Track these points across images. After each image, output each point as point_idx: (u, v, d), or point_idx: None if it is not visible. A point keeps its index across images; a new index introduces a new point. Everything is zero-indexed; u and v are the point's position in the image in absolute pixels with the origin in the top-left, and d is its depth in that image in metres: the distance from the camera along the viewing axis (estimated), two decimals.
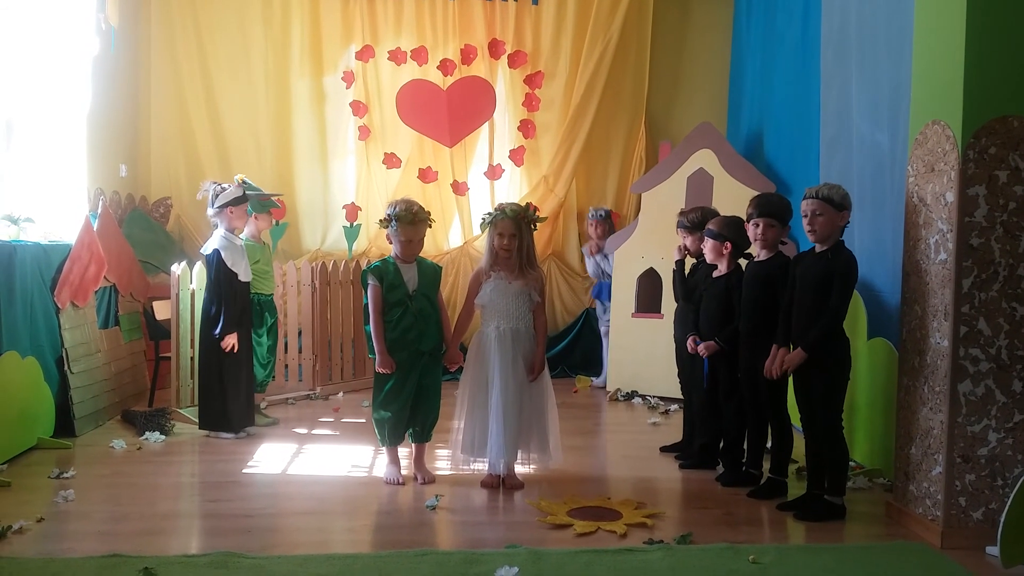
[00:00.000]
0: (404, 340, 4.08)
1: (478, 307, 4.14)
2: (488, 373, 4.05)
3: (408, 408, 4.14)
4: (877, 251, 4.53)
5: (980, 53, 3.31)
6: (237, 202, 4.98)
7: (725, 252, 4.28)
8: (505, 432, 3.99)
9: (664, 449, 4.87)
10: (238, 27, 7.15)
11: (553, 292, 7.36)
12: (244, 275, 5.00)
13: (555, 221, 7.37)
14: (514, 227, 4.05)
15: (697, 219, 4.60)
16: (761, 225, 3.97)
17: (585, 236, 7.18)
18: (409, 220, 4.05)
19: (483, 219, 4.17)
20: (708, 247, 4.35)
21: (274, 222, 6.12)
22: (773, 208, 3.97)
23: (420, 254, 4.23)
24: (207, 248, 4.98)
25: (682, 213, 4.81)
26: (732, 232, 4.27)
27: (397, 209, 4.08)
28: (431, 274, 4.21)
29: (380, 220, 4.21)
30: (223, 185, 5.01)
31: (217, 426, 5.00)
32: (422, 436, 4.21)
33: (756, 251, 4.11)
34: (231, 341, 4.90)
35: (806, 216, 3.68)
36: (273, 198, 5.66)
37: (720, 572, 3.11)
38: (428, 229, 4.19)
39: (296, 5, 7.17)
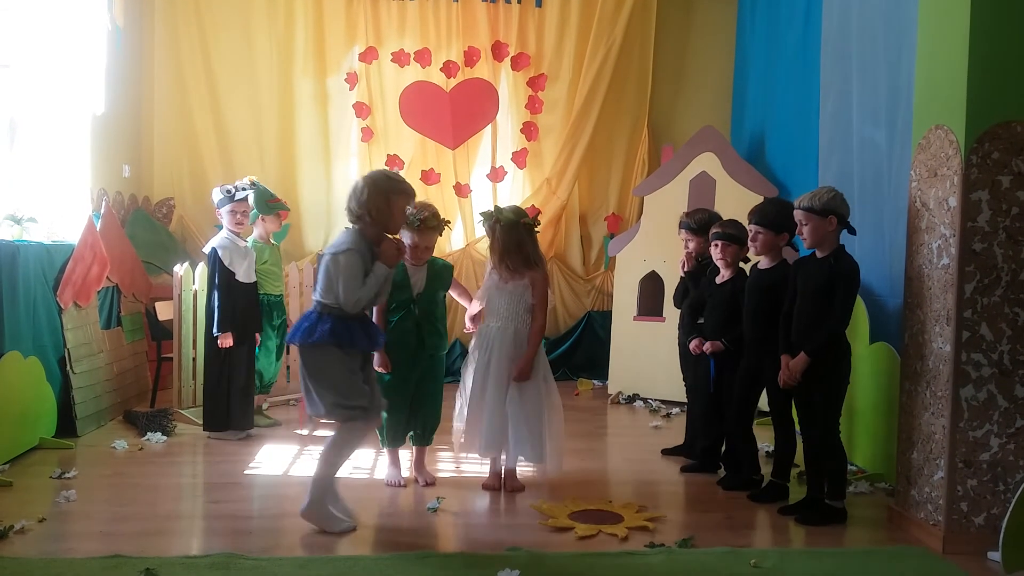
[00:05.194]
0: (403, 342, 4.08)
1: (480, 303, 4.16)
2: (484, 368, 4.06)
3: (407, 409, 4.14)
4: (877, 255, 4.52)
5: (983, 58, 3.31)
6: (221, 204, 4.99)
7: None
8: (489, 428, 3.99)
9: (666, 452, 4.87)
10: (242, 28, 7.16)
11: (555, 294, 7.35)
12: (244, 276, 4.98)
13: (557, 224, 7.36)
14: (487, 230, 4.07)
15: (704, 220, 4.58)
16: (751, 232, 4.01)
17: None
18: (417, 226, 4.02)
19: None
20: (719, 249, 4.28)
21: (283, 224, 6.08)
22: (761, 216, 3.97)
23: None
24: (207, 246, 5.00)
25: (687, 215, 4.78)
26: (744, 232, 4.25)
27: (408, 212, 4.07)
28: (440, 275, 4.18)
29: None
30: (227, 186, 5.03)
31: (221, 427, 5.00)
32: (423, 439, 4.22)
33: (755, 258, 4.11)
34: (226, 340, 4.89)
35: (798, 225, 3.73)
36: (279, 202, 5.53)
37: None
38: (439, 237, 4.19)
39: (300, 6, 7.17)
